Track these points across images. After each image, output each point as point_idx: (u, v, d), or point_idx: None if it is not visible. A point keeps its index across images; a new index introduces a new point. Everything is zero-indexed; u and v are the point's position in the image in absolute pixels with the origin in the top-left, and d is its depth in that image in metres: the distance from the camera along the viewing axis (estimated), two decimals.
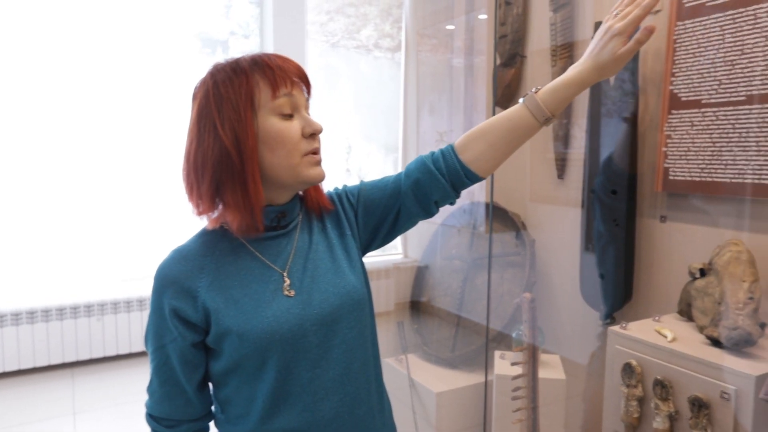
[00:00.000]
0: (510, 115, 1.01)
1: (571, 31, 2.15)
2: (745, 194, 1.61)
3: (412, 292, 2.91)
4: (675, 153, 1.79)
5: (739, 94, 1.61)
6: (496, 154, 1.02)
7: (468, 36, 2.78)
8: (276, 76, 0.93)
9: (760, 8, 1.54)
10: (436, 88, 3.13)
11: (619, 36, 0.92)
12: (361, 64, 3.68)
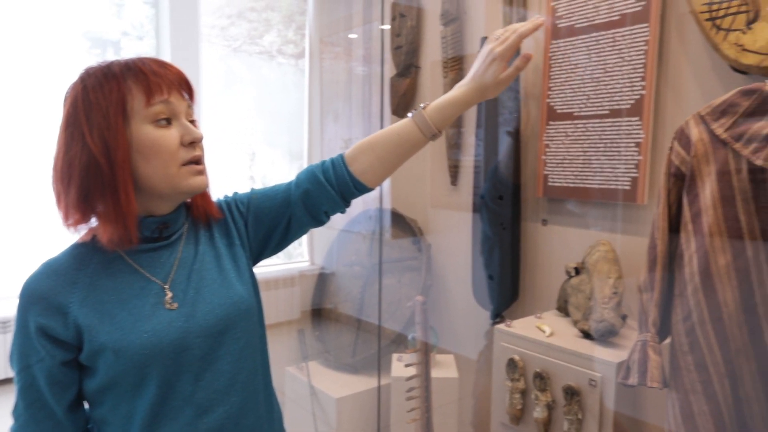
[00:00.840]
0: (399, 129, 1.05)
1: (460, 45, 2.26)
2: (611, 199, 1.78)
3: (316, 300, 2.92)
4: (553, 161, 1.93)
5: (604, 108, 1.77)
6: (384, 166, 1.06)
7: (369, 45, 2.84)
8: (150, 82, 0.90)
9: (617, 32, 1.71)
10: (340, 96, 3.16)
11: (500, 61, 0.99)
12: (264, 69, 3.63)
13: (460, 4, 2.26)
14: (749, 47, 1.36)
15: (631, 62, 1.69)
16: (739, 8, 1.38)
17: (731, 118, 1.12)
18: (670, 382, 1.24)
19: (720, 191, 1.13)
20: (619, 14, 1.71)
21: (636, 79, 1.68)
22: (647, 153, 1.67)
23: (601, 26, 1.76)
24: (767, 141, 1.06)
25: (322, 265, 3.03)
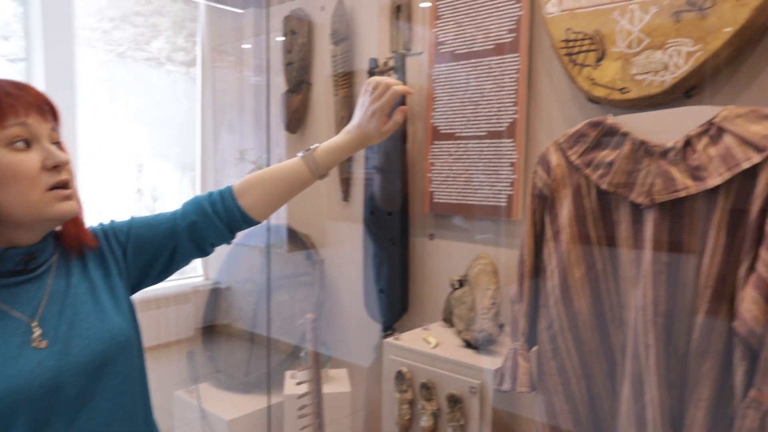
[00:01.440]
0: (290, 168, 1.10)
1: (350, 63, 2.32)
2: (490, 214, 1.90)
3: (209, 316, 2.83)
4: (438, 179, 2.03)
5: (482, 130, 1.90)
6: (273, 202, 1.10)
7: (263, 56, 2.82)
8: (2, 104, 0.85)
9: (492, 60, 1.84)
10: (235, 106, 3.10)
11: (380, 115, 1.09)
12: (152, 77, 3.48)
13: (349, 24, 2.32)
14: (599, 81, 1.53)
15: (505, 88, 1.82)
16: (589, 47, 1.54)
17: (582, 146, 1.25)
18: (537, 386, 1.35)
19: (575, 211, 1.25)
20: (493, 44, 1.84)
21: (509, 104, 1.82)
22: (521, 172, 1.81)
23: (478, 54, 1.88)
24: (610, 167, 1.20)
25: (216, 280, 2.94)
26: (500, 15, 1.82)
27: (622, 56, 1.48)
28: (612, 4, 1.50)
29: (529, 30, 1.76)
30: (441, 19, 1.98)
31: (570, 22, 1.58)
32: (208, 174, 3.23)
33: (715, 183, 1.06)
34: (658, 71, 1.42)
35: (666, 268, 1.13)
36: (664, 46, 1.41)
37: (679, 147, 1.12)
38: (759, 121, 1.04)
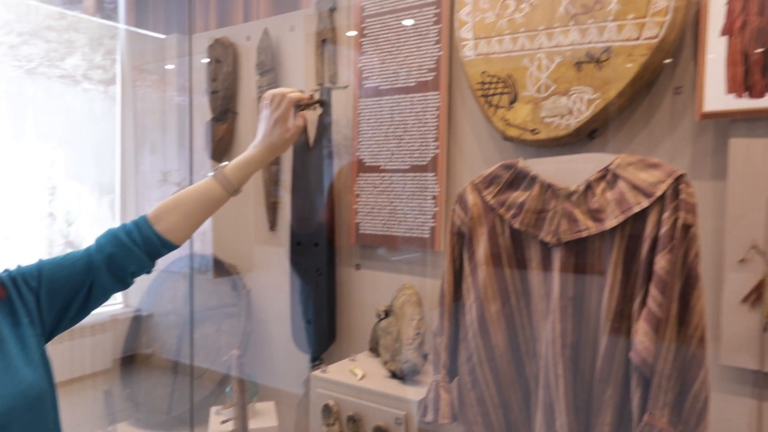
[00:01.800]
0: (202, 188, 1.12)
1: None
2: (414, 246, 1.96)
3: (129, 346, 2.71)
4: (363, 210, 2.07)
5: (406, 163, 1.96)
6: (190, 223, 1.11)
7: (186, 77, 2.77)
8: None
9: (414, 96, 1.92)
10: (158, 126, 3.01)
11: (281, 123, 1.14)
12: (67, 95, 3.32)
13: (275, 55, 2.34)
14: (512, 122, 1.63)
15: (427, 124, 1.90)
16: (503, 90, 1.64)
17: (496, 187, 1.33)
18: (459, 416, 1.40)
19: (490, 249, 1.33)
20: (415, 81, 1.92)
21: (431, 139, 1.89)
22: (442, 205, 1.88)
23: (401, 90, 1.95)
24: (521, 208, 1.28)
25: (137, 307, 2.83)
26: (421, 54, 1.90)
27: (533, 100, 1.59)
28: (522, 51, 1.61)
29: (448, 70, 1.85)
30: (365, 54, 2.04)
31: (485, 65, 1.68)
32: (129, 196, 3.12)
33: (611, 224, 1.16)
34: (564, 115, 1.54)
35: (572, 302, 1.22)
36: (569, 92, 1.53)
37: (580, 191, 1.22)
38: (647, 170, 1.15)
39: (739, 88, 1.32)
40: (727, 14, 1.33)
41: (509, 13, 1.62)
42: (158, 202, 1.11)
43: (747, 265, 1.35)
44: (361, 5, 2.04)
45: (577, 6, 1.51)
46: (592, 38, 1.48)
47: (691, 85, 1.44)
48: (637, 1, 1.41)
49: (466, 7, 1.72)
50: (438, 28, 1.86)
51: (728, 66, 1.33)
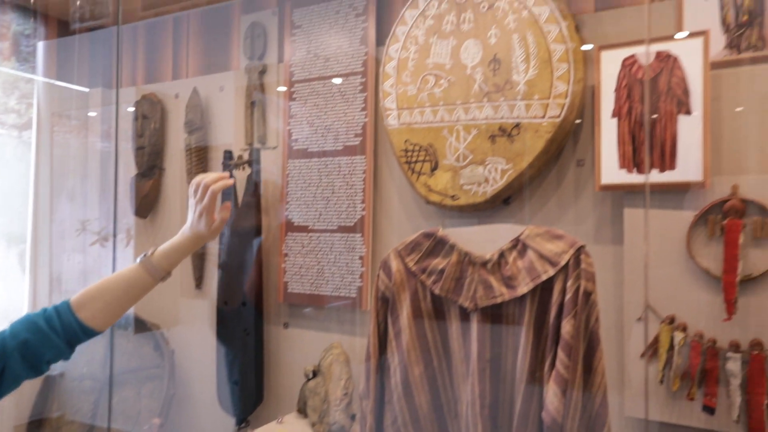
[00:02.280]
0: (128, 276, 1.12)
1: (204, 153, 2.34)
2: (341, 304, 1.99)
3: (37, 409, 2.53)
4: (292, 269, 2.09)
5: (333, 224, 2.01)
6: (115, 311, 1.10)
7: (110, 124, 2.72)
8: None
9: (342, 160, 1.99)
10: (77, 173, 2.91)
11: (207, 215, 1.13)
12: None
13: (204, 114, 2.36)
14: (434, 188, 1.73)
15: (354, 186, 1.97)
16: (425, 158, 1.75)
17: (418, 254, 1.40)
18: None
19: (413, 314, 1.39)
20: (343, 145, 2.00)
21: (358, 201, 1.96)
22: (369, 265, 1.94)
23: (329, 153, 2.02)
24: (441, 274, 1.36)
25: None
26: (348, 120, 1.99)
27: (452, 168, 1.70)
28: (442, 123, 1.73)
29: (374, 136, 1.94)
30: (294, 117, 2.10)
31: (408, 134, 1.78)
32: (41, 246, 2.96)
33: (523, 291, 1.26)
34: (481, 183, 1.66)
35: (489, 364, 1.30)
36: (485, 162, 1.65)
37: (494, 259, 1.31)
38: (552, 241, 1.26)
39: (629, 165, 1.48)
40: (615, 100, 1.50)
41: (429, 87, 1.75)
42: (75, 252, 1.10)
43: (643, 323, 1.49)
44: (290, 70, 2.12)
45: (489, 85, 1.65)
46: (504, 114, 1.62)
47: (591, 158, 1.60)
48: (541, 84, 1.56)
49: (389, 79, 1.83)
50: (364, 96, 1.96)
51: (619, 145, 1.49)
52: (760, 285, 1.37)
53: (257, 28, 2.23)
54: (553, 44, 1.54)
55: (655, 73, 1.45)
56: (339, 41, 2.02)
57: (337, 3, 2.03)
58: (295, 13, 2.12)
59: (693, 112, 1.41)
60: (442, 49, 1.73)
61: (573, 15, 1.58)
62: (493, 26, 1.64)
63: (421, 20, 1.77)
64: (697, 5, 1.49)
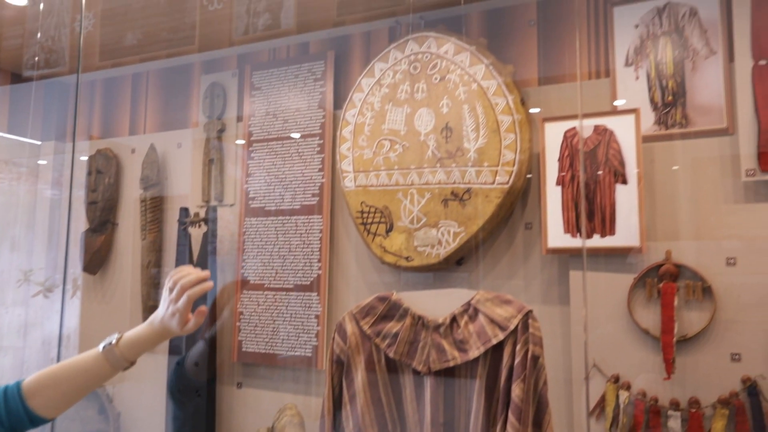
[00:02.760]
0: (87, 365, 1.03)
1: (159, 210, 2.32)
2: (297, 364, 1.97)
3: None
4: (246, 328, 2.07)
5: (289, 282, 2.02)
6: (69, 400, 1.03)
7: (61, 172, 2.66)
8: None
9: (299, 219, 2.02)
10: (20, 222, 2.81)
11: (180, 315, 1.06)
12: None
13: (161, 170, 2.36)
14: (389, 249, 1.77)
15: (311, 245, 1.99)
16: (380, 219, 1.80)
17: (373, 317, 1.43)
18: None
19: (368, 377, 1.40)
20: (300, 204, 2.03)
21: (314, 260, 1.98)
22: (324, 324, 1.94)
23: (286, 212, 2.05)
24: (396, 338, 1.38)
25: None
26: (305, 180, 2.03)
27: (407, 230, 1.76)
28: (396, 186, 1.79)
29: (330, 197, 1.99)
30: (252, 176, 2.13)
31: (364, 196, 1.83)
32: None
33: (474, 355, 1.29)
34: (434, 245, 1.71)
35: (443, 428, 1.31)
36: (438, 225, 1.71)
37: (447, 323, 1.35)
38: (501, 305, 1.31)
39: (573, 230, 1.57)
40: (559, 169, 1.60)
41: (385, 151, 1.81)
42: (16, 306, 1.02)
43: (590, 382, 1.54)
44: (249, 129, 2.16)
45: (442, 151, 1.73)
46: (455, 179, 1.70)
47: (538, 222, 1.68)
48: (490, 152, 1.65)
49: (346, 142, 1.89)
50: (321, 158, 2.01)
51: (563, 211, 1.58)
52: (694, 345, 1.45)
53: (217, 88, 2.28)
54: (501, 115, 1.64)
55: (594, 144, 1.56)
56: (297, 103, 2.08)
57: (296, 67, 2.10)
58: (255, 75, 2.18)
59: (629, 182, 1.51)
60: (397, 116, 1.81)
61: (518, 88, 1.70)
62: (445, 96, 1.74)
63: (377, 88, 1.85)
64: (628, 84, 1.62)
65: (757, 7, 1.49)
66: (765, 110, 1.44)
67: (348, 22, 2.07)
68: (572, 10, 1.73)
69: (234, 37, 2.29)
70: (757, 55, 1.47)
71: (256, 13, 2.16)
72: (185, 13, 2.20)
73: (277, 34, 2.20)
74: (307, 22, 2.12)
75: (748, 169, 1.45)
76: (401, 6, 1.95)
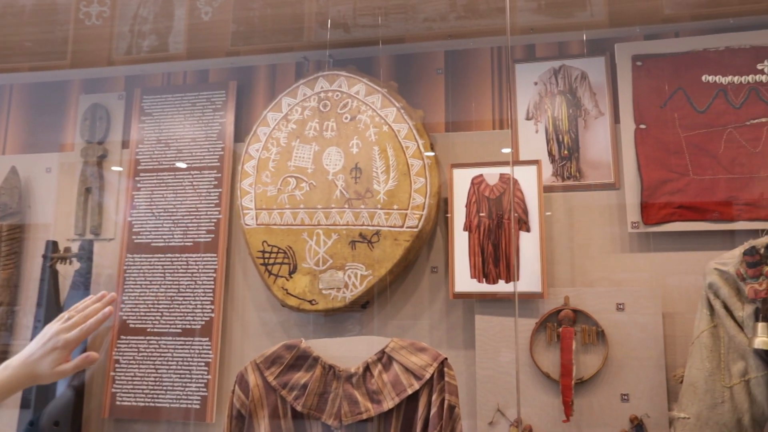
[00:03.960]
0: None
1: (18, 242, 2.02)
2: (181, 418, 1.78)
3: None
4: (123, 378, 1.84)
5: (176, 327, 1.83)
6: None
7: None
8: None
9: (190, 257, 1.85)
10: None
11: (62, 349, 0.90)
12: None
13: (23, 197, 2.06)
14: (291, 292, 1.68)
15: (203, 286, 1.83)
16: (283, 260, 1.70)
17: (279, 367, 1.32)
18: None
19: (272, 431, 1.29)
20: (192, 241, 1.87)
21: (206, 302, 1.82)
22: (215, 373, 1.78)
23: (176, 249, 1.88)
24: (304, 389, 1.29)
25: None
26: (200, 215, 1.88)
27: (311, 272, 1.68)
28: (302, 225, 1.71)
29: (227, 234, 1.85)
30: (138, 209, 1.93)
31: (266, 235, 1.73)
32: None
33: (389, 406, 1.24)
34: (341, 288, 1.65)
35: None
36: (344, 267, 1.66)
37: (359, 373, 1.28)
38: (416, 353, 1.28)
39: (479, 275, 1.59)
40: (466, 214, 1.63)
41: (290, 189, 1.74)
42: None
43: (495, 428, 1.55)
44: (136, 158, 1.97)
45: (350, 192, 1.69)
46: (364, 221, 1.66)
47: (444, 265, 1.70)
48: (400, 195, 1.65)
49: (248, 178, 1.79)
50: (219, 192, 1.88)
51: (470, 256, 1.61)
52: (590, 387, 1.52)
53: (99, 110, 2.06)
54: (411, 159, 1.65)
55: (500, 192, 1.62)
56: (194, 133, 1.94)
57: (194, 95, 1.97)
58: (146, 99, 2.01)
59: (531, 230, 1.58)
60: (304, 153, 1.75)
61: (428, 133, 1.72)
62: (355, 137, 1.72)
63: (283, 123, 1.79)
64: (528, 137, 1.72)
65: (637, 77, 1.66)
66: (647, 169, 1.59)
67: (243, 53, 1.99)
68: (478, 63, 1.81)
69: (114, 57, 2.11)
70: (639, 120, 1.63)
71: (141, 34, 2.00)
72: (56, 25, 1.98)
73: (164, 57, 2.06)
74: (199, 49, 2.00)
75: (633, 222, 1.58)
76: (299, 42, 1.91)
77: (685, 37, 1.67)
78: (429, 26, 1.80)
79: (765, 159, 1.54)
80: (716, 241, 1.54)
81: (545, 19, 1.74)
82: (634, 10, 1.69)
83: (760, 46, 1.60)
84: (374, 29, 1.82)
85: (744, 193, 1.53)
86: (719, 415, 1.31)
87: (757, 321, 1.28)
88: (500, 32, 1.80)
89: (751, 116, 1.57)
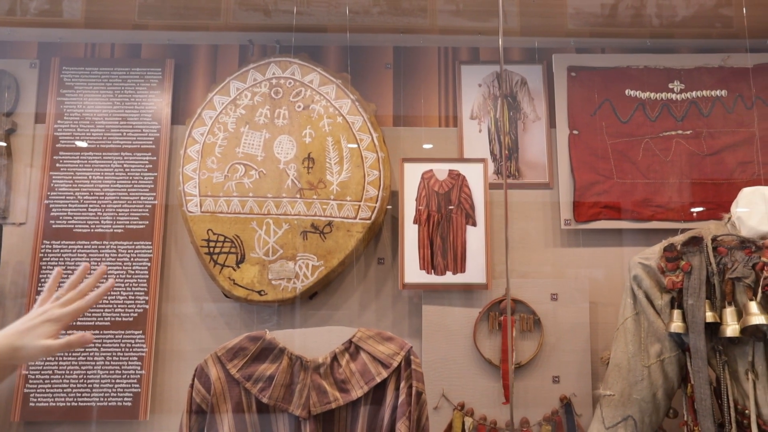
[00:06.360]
0: None
1: None
2: (111, 417, 1.66)
3: None
4: (39, 377, 1.68)
5: (105, 320, 1.70)
6: None
7: None
8: None
9: (121, 244, 1.73)
10: None
11: (56, 323, 0.83)
12: None
13: None
14: (239, 282, 1.63)
15: (135, 276, 1.72)
16: (230, 249, 1.65)
17: (242, 360, 1.29)
18: None
19: (236, 425, 1.25)
20: (123, 228, 1.75)
21: (140, 293, 1.71)
22: (150, 367, 1.68)
23: (104, 236, 1.74)
24: (270, 381, 1.27)
25: None
26: (132, 200, 1.76)
27: (260, 262, 1.65)
28: (250, 214, 1.67)
29: (163, 221, 1.75)
30: (57, 191, 1.76)
31: (211, 223, 1.67)
32: None
33: (357, 395, 1.27)
34: (291, 279, 1.63)
35: None
36: (296, 258, 1.64)
37: (327, 362, 1.29)
38: (384, 343, 1.32)
39: (428, 267, 1.66)
40: (416, 208, 1.69)
41: (239, 176, 1.69)
42: None
43: (440, 412, 1.63)
44: (54, 134, 1.79)
45: (302, 182, 1.68)
46: (316, 212, 1.66)
47: (391, 257, 1.74)
48: (354, 187, 1.66)
49: (192, 163, 1.70)
50: (153, 177, 1.77)
51: (419, 248, 1.67)
52: (526, 371, 1.66)
53: (6, 78, 1.85)
54: (365, 151, 1.67)
55: (449, 187, 1.70)
56: (125, 112, 1.80)
57: (124, 71, 1.83)
58: (66, 71, 1.83)
59: (477, 224, 1.68)
60: (254, 140, 1.70)
61: (380, 126, 1.75)
62: (308, 126, 1.70)
63: (231, 108, 1.72)
64: (472, 136, 1.81)
65: (572, 87, 1.82)
66: (579, 171, 1.75)
67: (151, 27, 1.86)
68: (425, 61, 1.87)
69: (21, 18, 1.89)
70: (572, 126, 1.79)
71: None
72: None
73: (59, 23, 1.86)
74: (99, 19, 1.83)
75: (566, 219, 1.74)
76: (214, 22, 1.83)
77: (612, 54, 1.86)
78: (376, 20, 1.80)
79: (674, 167, 1.76)
80: (633, 238, 1.74)
81: (466, 24, 1.78)
82: (540, 23, 1.79)
83: (671, 68, 1.82)
84: (293, 15, 1.77)
85: (657, 196, 1.74)
86: (639, 391, 1.49)
87: (672, 308, 1.47)
88: (430, 31, 1.84)
89: (663, 129, 1.78)
